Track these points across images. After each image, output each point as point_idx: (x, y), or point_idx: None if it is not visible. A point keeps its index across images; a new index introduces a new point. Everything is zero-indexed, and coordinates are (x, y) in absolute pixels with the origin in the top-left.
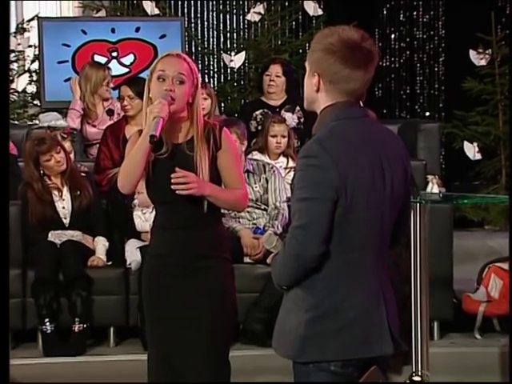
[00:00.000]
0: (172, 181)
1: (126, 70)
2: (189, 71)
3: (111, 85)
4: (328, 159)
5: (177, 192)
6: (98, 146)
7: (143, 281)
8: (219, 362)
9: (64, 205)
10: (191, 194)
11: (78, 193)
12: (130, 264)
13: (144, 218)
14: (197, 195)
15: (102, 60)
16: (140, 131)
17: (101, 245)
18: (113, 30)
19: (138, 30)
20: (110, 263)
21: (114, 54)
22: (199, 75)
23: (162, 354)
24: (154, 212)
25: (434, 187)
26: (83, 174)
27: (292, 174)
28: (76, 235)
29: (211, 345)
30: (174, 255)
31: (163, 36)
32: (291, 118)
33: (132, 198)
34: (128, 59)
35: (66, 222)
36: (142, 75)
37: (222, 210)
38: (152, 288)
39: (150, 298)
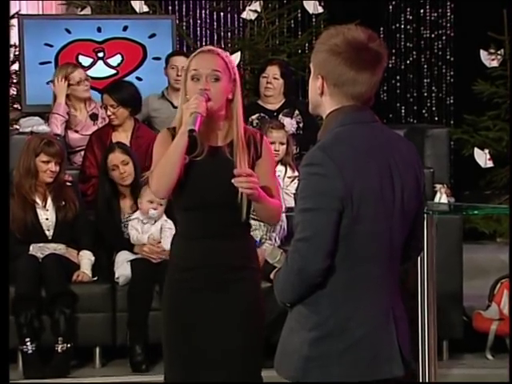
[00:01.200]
0: (235, 173)
1: (113, 71)
2: (224, 66)
3: (87, 83)
4: (333, 167)
5: (240, 190)
6: (81, 153)
7: (167, 299)
8: (254, 379)
9: (47, 216)
10: (240, 197)
11: (63, 203)
12: (117, 278)
13: (142, 229)
14: (252, 197)
15: (88, 61)
16: (169, 130)
17: (86, 259)
18: (99, 29)
19: (125, 28)
20: (95, 278)
21: (100, 54)
22: (236, 69)
23: (190, 376)
24: (156, 224)
25: (442, 197)
26: (68, 184)
27: (293, 183)
28: (59, 248)
29: (246, 362)
30: (205, 267)
31: (153, 35)
32: (290, 124)
33: (119, 207)
34: (115, 60)
35: (49, 234)
36: (129, 77)
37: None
38: (180, 306)
39: (176, 318)
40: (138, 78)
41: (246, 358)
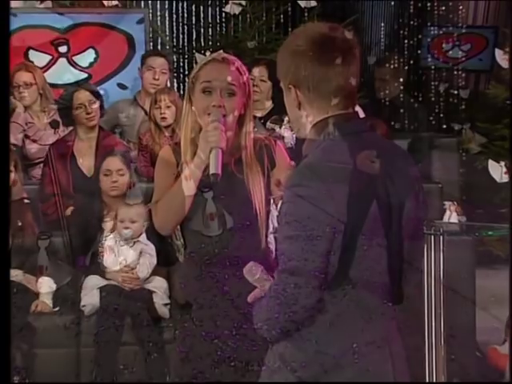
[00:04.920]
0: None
1: (83, 74)
2: (239, 79)
3: (22, 90)
4: (323, 189)
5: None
6: (40, 165)
7: (182, 344)
8: None
9: None
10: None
11: (20, 224)
12: (83, 306)
13: (118, 252)
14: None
15: (43, 58)
16: (170, 146)
17: (46, 286)
18: (60, 12)
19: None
20: (57, 309)
21: (63, 48)
22: (250, 81)
23: None
24: (135, 248)
25: (452, 215)
26: (26, 201)
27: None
28: (15, 275)
29: None
30: (224, 300)
31: None
32: (290, 137)
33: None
34: (86, 57)
35: None
36: (108, 83)
37: None
38: (199, 350)
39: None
40: (121, 86)
41: None
